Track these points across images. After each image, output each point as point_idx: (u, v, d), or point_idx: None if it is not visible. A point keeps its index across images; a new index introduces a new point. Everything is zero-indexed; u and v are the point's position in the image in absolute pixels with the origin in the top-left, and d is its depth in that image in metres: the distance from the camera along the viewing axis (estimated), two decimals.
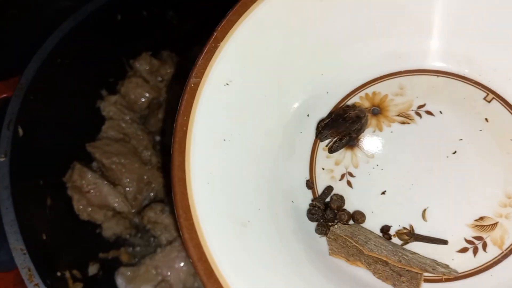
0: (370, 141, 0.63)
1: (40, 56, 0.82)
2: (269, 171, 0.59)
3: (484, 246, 0.55)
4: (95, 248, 0.83)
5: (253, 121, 0.59)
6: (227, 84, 0.57)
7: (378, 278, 0.54)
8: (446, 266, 0.54)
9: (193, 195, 0.49)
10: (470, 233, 0.56)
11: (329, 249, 0.56)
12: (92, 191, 0.83)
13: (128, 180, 0.86)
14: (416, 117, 0.63)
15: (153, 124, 0.98)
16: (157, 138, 0.97)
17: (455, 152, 0.60)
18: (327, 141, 0.63)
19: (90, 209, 0.83)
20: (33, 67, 0.80)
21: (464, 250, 0.55)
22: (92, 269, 0.80)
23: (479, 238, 0.55)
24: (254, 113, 0.59)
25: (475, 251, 0.55)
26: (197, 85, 0.55)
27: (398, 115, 0.63)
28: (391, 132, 0.63)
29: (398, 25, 0.65)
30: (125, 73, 1.01)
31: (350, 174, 0.61)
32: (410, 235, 0.57)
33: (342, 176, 0.61)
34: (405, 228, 0.58)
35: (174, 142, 0.51)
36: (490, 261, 0.54)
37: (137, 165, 0.87)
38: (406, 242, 0.57)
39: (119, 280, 0.80)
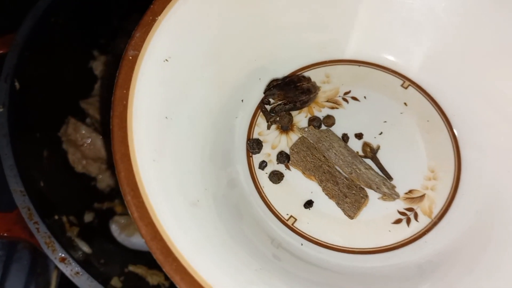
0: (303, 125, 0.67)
1: (34, 14, 0.85)
2: (211, 151, 0.61)
3: (416, 216, 0.61)
4: (90, 199, 0.87)
5: (193, 100, 0.60)
6: (166, 60, 0.57)
7: (326, 194, 0.61)
8: (392, 188, 0.60)
9: (140, 172, 0.47)
10: (402, 206, 0.62)
11: (290, 160, 0.63)
12: (86, 144, 0.86)
13: None
14: (344, 103, 0.69)
15: None
16: None
17: (381, 133, 0.65)
18: (263, 124, 0.67)
19: (85, 161, 0.87)
20: (28, 25, 0.83)
21: (398, 221, 0.61)
22: (88, 217, 0.84)
23: (410, 209, 0.62)
24: (194, 92, 0.60)
25: (408, 221, 0.61)
26: (135, 58, 0.54)
27: (327, 101, 0.69)
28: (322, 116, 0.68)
29: (323, 17, 0.70)
30: (115, 33, 1.04)
31: None
32: (372, 152, 0.62)
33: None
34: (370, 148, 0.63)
35: (113, 116, 0.49)
36: (422, 229, 0.61)
37: None
38: (365, 156, 0.63)
39: (114, 227, 0.84)
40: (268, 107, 0.67)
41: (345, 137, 0.65)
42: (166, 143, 0.53)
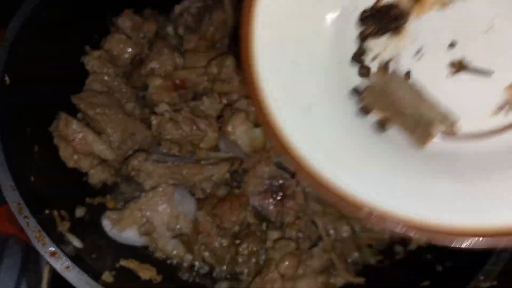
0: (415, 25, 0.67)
1: (25, 9, 0.84)
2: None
3: None
4: (81, 194, 0.87)
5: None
6: None
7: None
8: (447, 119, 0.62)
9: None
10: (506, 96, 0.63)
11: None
12: (77, 139, 0.86)
13: (112, 130, 0.90)
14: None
15: (136, 79, 1.01)
16: (140, 93, 1.01)
17: (492, 26, 0.64)
18: None
19: (76, 157, 0.87)
20: (19, 19, 0.82)
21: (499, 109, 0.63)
22: (79, 212, 0.83)
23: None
24: None
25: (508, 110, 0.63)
26: None
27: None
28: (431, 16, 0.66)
29: None
30: (108, 29, 1.04)
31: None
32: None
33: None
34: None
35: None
36: None
37: (120, 116, 0.91)
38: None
39: (105, 222, 0.84)
40: None
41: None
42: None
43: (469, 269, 0.77)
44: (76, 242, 0.74)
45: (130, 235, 0.84)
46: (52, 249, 0.65)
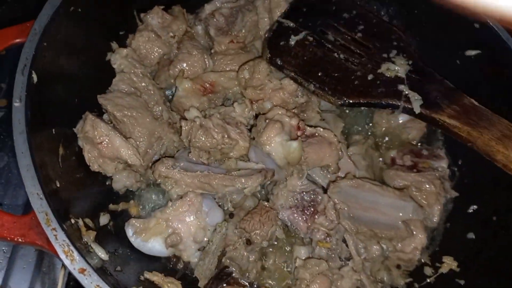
0: None
1: (53, 3, 0.80)
2: None
3: None
4: (105, 199, 0.84)
5: None
6: None
7: None
8: None
9: None
10: None
11: None
12: (104, 142, 0.82)
13: (140, 134, 0.86)
14: None
15: (164, 80, 0.97)
16: (168, 93, 0.97)
17: None
18: None
19: (101, 160, 0.83)
20: (46, 13, 0.79)
21: None
22: (103, 219, 0.80)
23: None
24: None
25: None
26: None
27: None
28: None
29: None
30: (135, 26, 0.99)
31: None
32: None
33: None
34: None
35: None
36: None
37: (148, 120, 0.87)
38: None
39: (130, 231, 0.80)
40: None
41: None
42: None
43: None
44: (102, 254, 0.70)
45: (155, 246, 0.80)
46: (81, 266, 0.61)
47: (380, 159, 1.01)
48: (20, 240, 0.66)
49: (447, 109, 0.84)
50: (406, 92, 0.87)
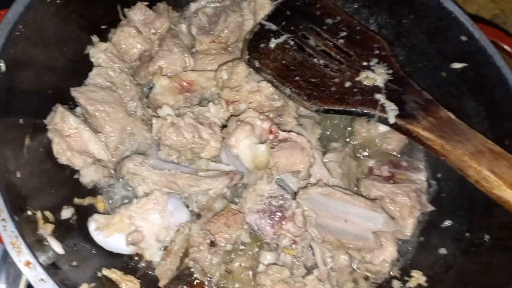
0: None
1: None
2: None
3: None
4: (71, 193, 0.83)
5: None
6: None
7: None
8: None
9: None
10: None
11: None
12: (73, 135, 0.81)
13: (111, 129, 0.85)
14: None
15: (143, 76, 0.96)
16: (145, 92, 0.96)
17: None
18: None
19: (69, 153, 0.82)
20: (21, 2, 0.78)
21: None
22: (66, 213, 0.79)
23: None
24: None
25: None
26: None
27: None
28: None
29: None
30: (118, 21, 0.99)
31: None
32: None
33: None
34: None
35: None
36: None
37: (121, 115, 0.86)
38: None
39: (92, 226, 0.80)
40: None
41: None
42: None
43: None
44: (57, 248, 0.69)
45: (117, 242, 0.80)
46: (27, 258, 0.60)
47: (358, 168, 0.99)
48: None
49: (423, 120, 0.83)
50: (383, 102, 0.86)
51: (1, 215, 0.61)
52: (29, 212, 0.69)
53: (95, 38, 0.95)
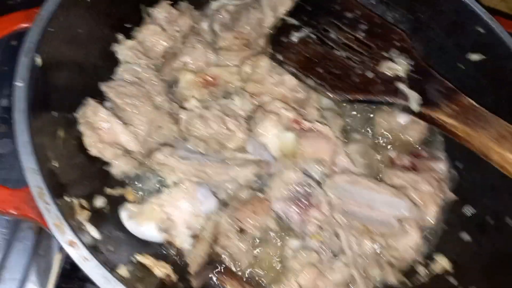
0: None
1: None
2: None
3: None
4: (102, 184, 0.85)
5: None
6: None
7: None
8: None
9: None
10: None
11: None
12: (104, 128, 0.84)
13: (140, 122, 0.87)
14: None
15: (167, 72, 0.99)
16: (170, 87, 0.99)
17: None
18: None
19: (100, 145, 0.84)
20: (54, 0, 0.81)
21: None
22: (99, 202, 0.81)
23: None
24: None
25: None
26: None
27: None
28: None
29: None
30: (141, 20, 1.02)
31: None
32: None
33: None
34: None
35: None
36: None
37: (149, 109, 0.88)
38: None
39: (124, 215, 0.82)
40: None
41: None
42: None
43: None
44: (94, 233, 0.71)
45: (148, 230, 0.82)
46: (71, 238, 0.63)
47: (379, 158, 1.01)
48: (13, 212, 0.67)
49: (446, 108, 0.85)
50: (405, 91, 0.87)
51: (45, 198, 0.64)
52: (67, 199, 0.71)
53: (120, 36, 0.97)
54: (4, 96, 1.08)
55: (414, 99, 0.86)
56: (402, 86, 0.88)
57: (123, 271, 0.69)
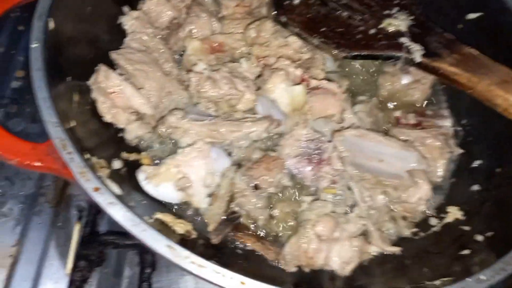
0: None
1: None
2: None
3: None
4: (118, 149, 0.86)
5: None
6: None
7: None
8: None
9: None
10: None
11: None
12: (116, 92, 0.85)
13: (151, 87, 0.89)
14: None
15: (173, 42, 1.01)
16: (177, 55, 1.00)
17: None
18: None
19: (114, 111, 0.86)
20: None
21: None
22: (116, 164, 0.82)
23: None
24: None
25: None
26: None
27: None
28: None
29: None
30: None
31: None
32: None
33: None
34: None
35: None
36: None
37: (159, 74, 0.90)
38: None
39: (141, 176, 0.83)
40: None
41: None
42: None
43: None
44: (116, 189, 0.72)
45: (166, 191, 0.83)
46: (96, 185, 0.64)
47: (385, 117, 1.03)
48: (37, 165, 0.69)
49: (448, 57, 0.87)
50: (408, 44, 0.89)
51: (67, 148, 0.65)
52: (87, 156, 0.73)
53: (126, 8, 0.99)
54: (13, 78, 1.09)
55: (416, 51, 0.88)
56: (405, 39, 0.90)
57: (148, 219, 0.70)
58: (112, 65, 0.91)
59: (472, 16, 1.00)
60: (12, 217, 0.95)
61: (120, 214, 0.63)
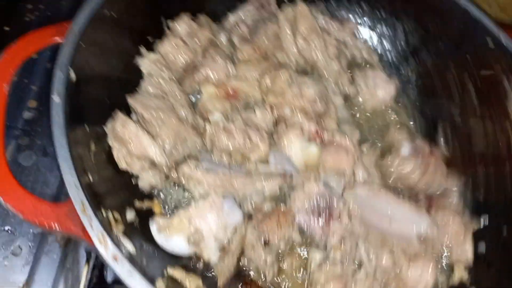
0: None
1: (90, 5, 0.84)
2: None
3: None
4: (131, 197, 0.86)
5: None
6: None
7: None
8: None
9: None
10: None
11: None
12: (132, 141, 0.85)
13: (166, 134, 0.89)
14: None
15: (188, 85, 1.01)
16: (192, 98, 1.00)
17: None
18: None
19: (129, 159, 0.85)
20: (84, 15, 0.82)
21: None
22: (130, 215, 0.82)
23: None
24: None
25: None
26: None
27: None
28: None
29: None
30: (162, 32, 1.03)
31: None
32: None
33: None
34: None
35: None
36: None
37: (174, 121, 0.90)
38: None
39: (154, 228, 0.83)
40: None
41: None
42: None
43: None
44: (130, 247, 0.72)
45: (178, 243, 0.83)
46: (115, 252, 0.64)
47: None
48: (57, 227, 0.68)
49: None
50: None
51: (87, 213, 0.65)
52: (104, 213, 0.73)
53: (143, 49, 0.99)
54: (25, 108, 1.08)
55: None
56: None
57: (160, 284, 0.71)
58: (127, 106, 0.91)
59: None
60: (21, 256, 0.94)
61: (137, 284, 0.63)
